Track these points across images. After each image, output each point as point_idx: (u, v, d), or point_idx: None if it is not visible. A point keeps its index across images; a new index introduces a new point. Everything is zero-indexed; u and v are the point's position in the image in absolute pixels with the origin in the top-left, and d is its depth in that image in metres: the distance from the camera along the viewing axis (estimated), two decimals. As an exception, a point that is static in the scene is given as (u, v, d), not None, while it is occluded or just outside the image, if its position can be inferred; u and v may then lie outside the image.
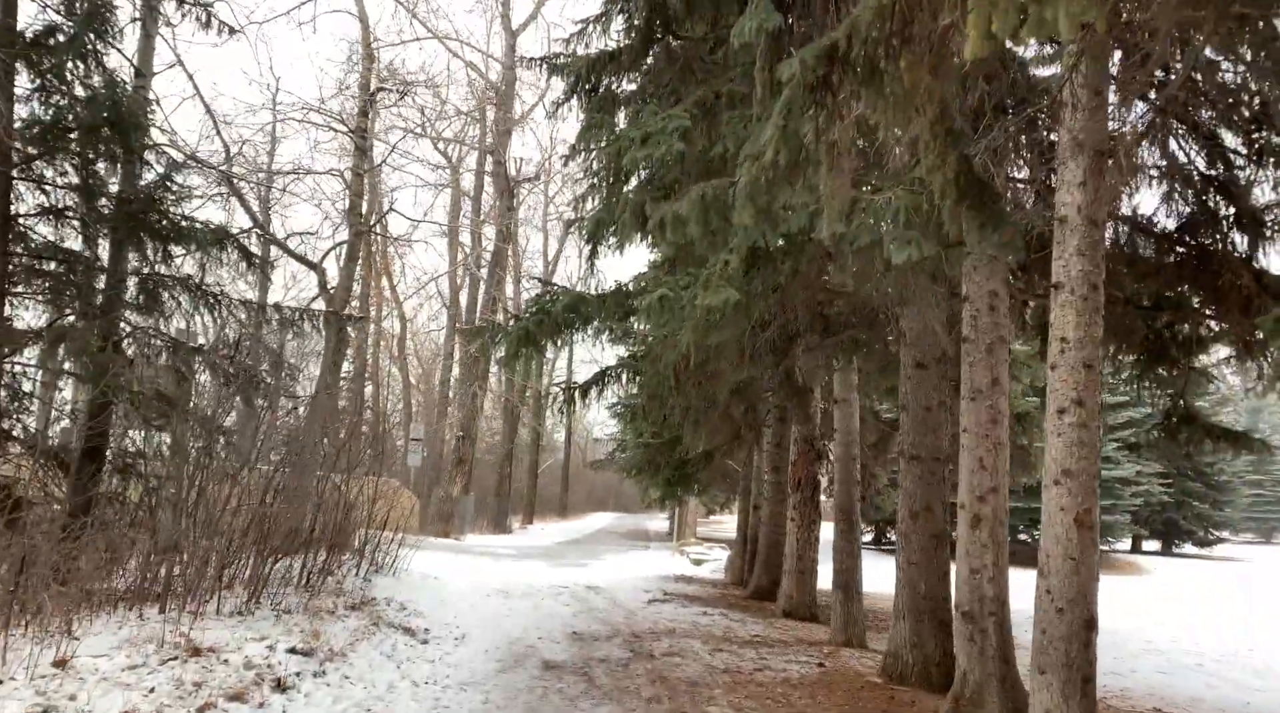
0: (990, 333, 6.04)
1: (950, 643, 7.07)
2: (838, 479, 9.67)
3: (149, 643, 5.30)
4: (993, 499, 5.91)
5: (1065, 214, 5.12)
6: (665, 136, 6.08)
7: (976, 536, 5.88)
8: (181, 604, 6.77)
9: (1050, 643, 4.79)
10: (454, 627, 8.88)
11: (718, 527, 41.87)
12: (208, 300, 9.63)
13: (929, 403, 7.23)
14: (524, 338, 6.71)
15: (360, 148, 17.20)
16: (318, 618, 7.55)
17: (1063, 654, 4.74)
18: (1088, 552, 4.84)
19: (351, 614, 8.12)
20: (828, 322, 7.61)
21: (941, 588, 7.06)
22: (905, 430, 7.28)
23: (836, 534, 9.63)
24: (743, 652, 8.53)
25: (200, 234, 9.45)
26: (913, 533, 7.10)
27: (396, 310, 32.61)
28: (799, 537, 11.51)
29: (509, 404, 31.73)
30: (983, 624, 5.78)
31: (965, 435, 6.05)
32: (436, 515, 23.97)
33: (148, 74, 10.52)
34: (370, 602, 8.98)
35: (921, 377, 7.25)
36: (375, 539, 11.45)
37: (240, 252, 10.21)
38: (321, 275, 16.71)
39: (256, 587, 7.61)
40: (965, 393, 6.09)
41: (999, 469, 5.96)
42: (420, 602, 9.88)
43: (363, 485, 11.59)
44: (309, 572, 8.89)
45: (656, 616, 11.03)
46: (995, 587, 5.83)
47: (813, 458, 11.62)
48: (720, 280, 5.28)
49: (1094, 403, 4.95)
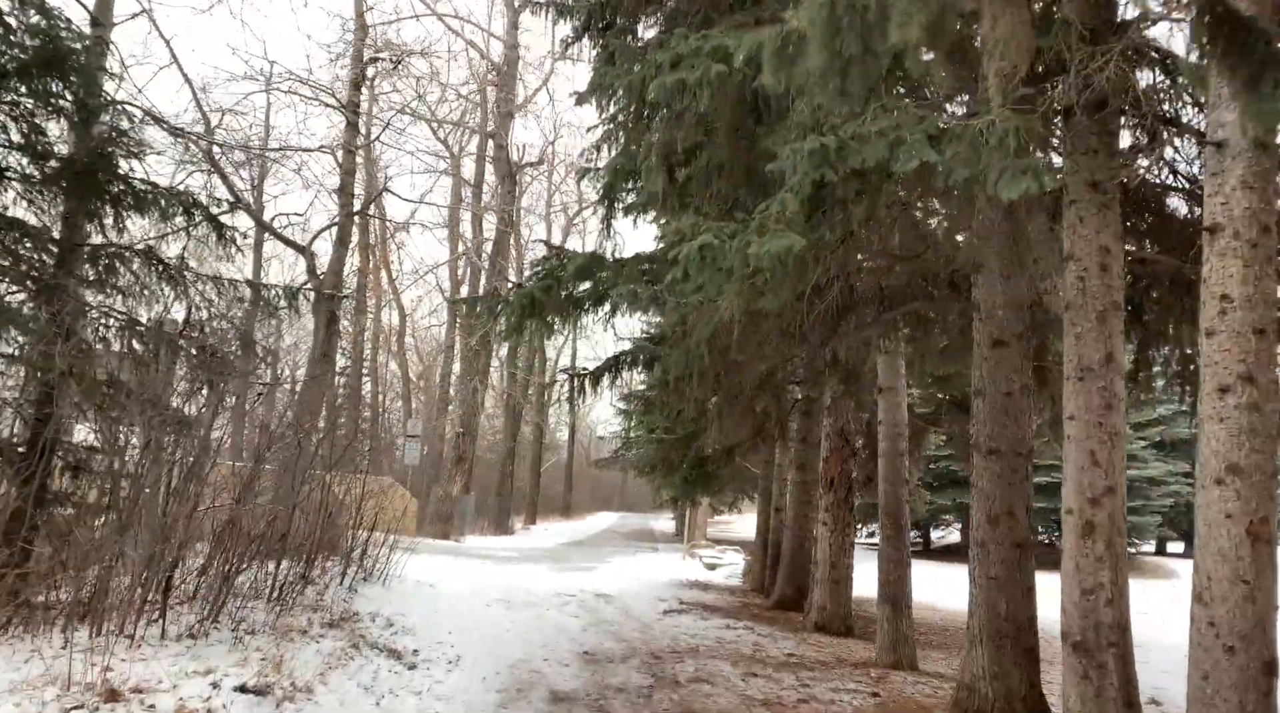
0: (1102, 298, 4.91)
1: (1037, 675, 5.95)
2: (883, 478, 8.54)
3: (50, 685, 4.17)
4: (1108, 502, 4.78)
5: (1224, 137, 4.00)
6: (700, 59, 4.95)
7: (1089, 547, 4.74)
8: (120, 626, 5.66)
9: (1217, 693, 3.67)
10: (447, 646, 7.75)
11: (725, 527, 40.72)
12: (169, 275, 8.50)
13: (1010, 387, 6.09)
14: (528, 308, 5.58)
15: (352, 123, 16.08)
16: (286, 640, 6.43)
17: (1235, 708, 3.62)
18: (1266, 573, 3.71)
19: (328, 634, 7.00)
20: (884, 293, 6.48)
21: (1026, 608, 5.93)
22: (981, 420, 6.14)
23: (882, 540, 8.50)
24: (780, 677, 7.40)
25: (161, 198, 8.33)
26: (991, 542, 5.97)
27: (394, 302, 31.48)
28: (832, 542, 10.38)
29: (511, 400, 30.61)
30: (1100, 658, 4.64)
31: (1071, 424, 4.92)
32: (435, 516, 22.85)
33: (106, 23, 9.42)
34: (352, 617, 7.86)
35: (1001, 356, 6.11)
36: (364, 542, 10.38)
37: (210, 222, 9.11)
38: (310, 260, 15.60)
39: (216, 602, 6.48)
40: (1070, 372, 4.95)
41: (1115, 465, 4.83)
42: (411, 615, 8.77)
43: (349, 485, 10.51)
44: (282, 582, 7.78)
45: (675, 630, 9.90)
46: (1115, 611, 4.69)
47: (847, 455, 10.49)
48: (778, 225, 4.15)
49: (1269, 379, 3.82)
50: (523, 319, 5.74)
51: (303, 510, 8.90)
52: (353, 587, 9.19)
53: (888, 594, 8.33)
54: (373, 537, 10.52)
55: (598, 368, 8.98)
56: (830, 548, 10.37)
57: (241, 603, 6.97)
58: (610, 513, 53.51)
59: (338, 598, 8.48)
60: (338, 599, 8.43)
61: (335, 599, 8.38)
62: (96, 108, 8.44)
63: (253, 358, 9.11)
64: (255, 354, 9.11)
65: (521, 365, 31.91)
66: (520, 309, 5.64)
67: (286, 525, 8.13)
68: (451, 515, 22.99)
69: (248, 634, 6.30)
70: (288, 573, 8.23)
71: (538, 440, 37.48)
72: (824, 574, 10.41)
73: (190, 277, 8.83)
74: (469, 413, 23.60)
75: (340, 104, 16.28)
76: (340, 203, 16.00)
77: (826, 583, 10.36)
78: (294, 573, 8.51)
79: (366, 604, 8.61)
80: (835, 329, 6.42)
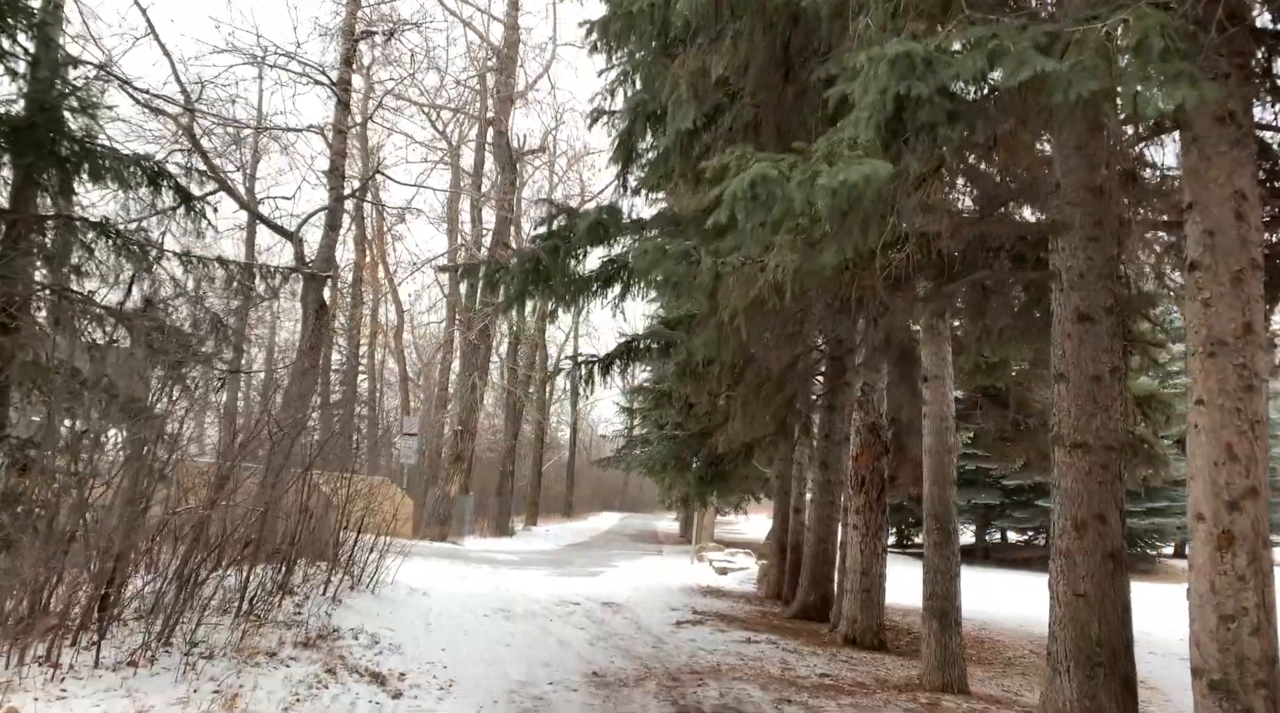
0: (1237, 255, 4.00)
1: (1135, 709, 5.03)
2: (929, 477, 7.62)
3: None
4: (1250, 506, 3.87)
5: None
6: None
7: (1228, 563, 3.83)
8: (49, 652, 4.76)
9: None
10: (439, 667, 6.83)
11: (730, 528, 39.80)
12: (129, 250, 7.59)
13: (1098, 370, 5.17)
14: (532, 275, 4.67)
15: (343, 101, 15.15)
16: (249, 665, 5.52)
17: None
18: None
19: (301, 656, 6.08)
20: (945, 262, 5.56)
21: (1121, 630, 5.01)
22: (1064, 409, 5.22)
23: (928, 547, 7.58)
24: (818, 704, 6.48)
25: (121, 164, 7.42)
26: (1079, 552, 5.04)
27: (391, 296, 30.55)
28: (863, 547, 9.46)
29: (512, 397, 29.66)
30: (1246, 702, 3.73)
31: (1200, 411, 4.01)
32: (432, 517, 21.92)
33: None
34: (331, 634, 6.94)
35: (1087, 334, 5.19)
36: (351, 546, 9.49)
37: (179, 194, 8.20)
38: (299, 246, 14.66)
39: (168, 620, 5.56)
40: (1198, 346, 4.04)
41: (1257, 459, 3.91)
42: (399, 630, 7.85)
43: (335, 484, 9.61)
44: (253, 595, 6.87)
45: (692, 644, 8.98)
46: (1263, 642, 3.77)
47: (879, 451, 9.57)
48: (853, 151, 3.23)
49: None
50: (525, 288, 4.83)
51: (283, 512, 8.02)
52: (336, 597, 8.27)
53: (935, 608, 7.41)
54: (361, 541, 9.64)
55: (608, 355, 8.06)
56: (862, 554, 9.45)
57: (206, 618, 6.08)
58: (613, 513, 52.61)
59: (318, 611, 7.56)
60: (318, 612, 7.51)
61: (315, 613, 7.47)
62: (51, 62, 7.56)
63: (223, 343, 8.19)
64: (226, 338, 8.18)
65: (523, 362, 30.99)
66: (523, 275, 4.73)
67: (260, 529, 7.20)
68: (449, 517, 22.07)
69: (203, 660, 5.38)
70: (260, 583, 7.34)
71: (539, 439, 36.53)
72: (855, 583, 9.48)
73: (154, 253, 7.94)
74: (467, 410, 22.69)
75: (331, 82, 15.36)
76: (330, 186, 15.08)
77: (858, 593, 9.44)
78: (272, 582, 7.62)
79: (350, 618, 7.69)
80: (891, 303, 5.51)
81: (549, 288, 4.84)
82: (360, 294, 29.23)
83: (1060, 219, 5.28)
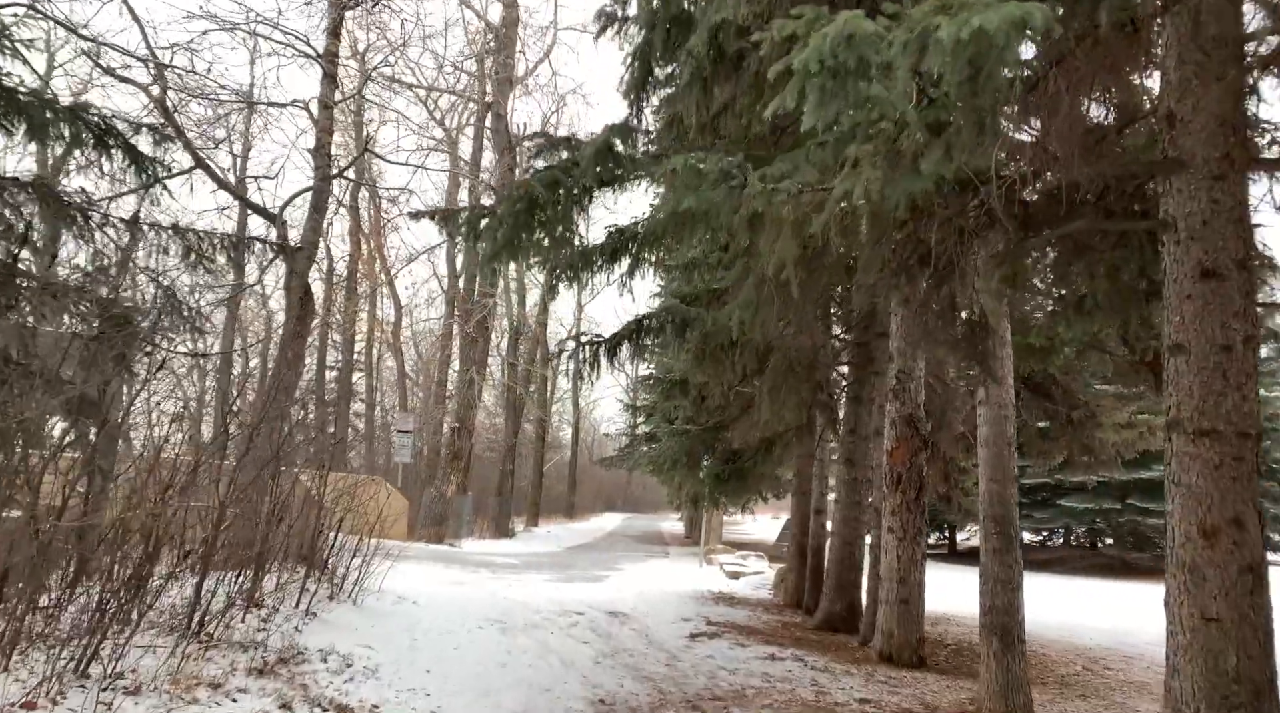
0: None
1: (1284, 761, 4.01)
2: (985, 474, 6.63)
3: None
4: None
5: None
6: None
7: None
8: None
9: None
10: (420, 695, 5.85)
11: (735, 529, 38.79)
12: (67, 213, 6.62)
13: (1229, 338, 4.17)
14: (525, 216, 3.69)
15: (329, 74, 14.17)
16: (183, 702, 4.54)
17: None
18: None
19: (253, 686, 5.09)
20: (1027, 211, 4.57)
21: (1265, 662, 4.01)
22: (1184, 388, 4.21)
23: (985, 554, 6.58)
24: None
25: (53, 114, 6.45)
26: (1209, 565, 4.04)
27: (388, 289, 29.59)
28: (900, 552, 8.46)
29: (512, 394, 28.68)
30: None
31: None
32: (428, 518, 20.95)
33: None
34: (295, 657, 5.95)
35: (1213, 293, 4.19)
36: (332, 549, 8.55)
37: (126, 151, 7.23)
38: (282, 228, 13.70)
39: (87, 646, 4.57)
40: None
41: None
42: (380, 648, 6.87)
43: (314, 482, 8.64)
44: (203, 611, 5.88)
45: (710, 662, 7.99)
46: None
47: (917, 446, 8.57)
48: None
49: None
50: (516, 236, 3.83)
51: (244, 514, 7.04)
52: (310, 609, 7.30)
53: (995, 624, 6.42)
54: (343, 544, 8.68)
55: (615, 335, 7.07)
56: (898, 560, 8.45)
57: (147, 640, 5.12)
58: (615, 514, 51.68)
59: (286, 627, 6.59)
60: (285, 628, 6.54)
61: (282, 628, 6.50)
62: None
63: (179, 322, 7.21)
64: (182, 316, 7.20)
65: (523, 357, 30.01)
66: (513, 218, 3.74)
67: (214, 531, 6.22)
68: (446, 517, 21.08)
69: (126, 696, 4.40)
70: (225, 594, 6.37)
71: (540, 437, 35.52)
72: (890, 593, 8.48)
73: (97, 218, 6.97)
74: (465, 406, 21.70)
75: (317, 54, 14.39)
76: (316, 165, 14.10)
77: (894, 603, 8.43)
78: (235, 593, 6.65)
79: (322, 635, 6.71)
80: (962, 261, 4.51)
81: (547, 235, 3.85)
82: (355, 287, 28.26)
83: (1175, 156, 4.28)
